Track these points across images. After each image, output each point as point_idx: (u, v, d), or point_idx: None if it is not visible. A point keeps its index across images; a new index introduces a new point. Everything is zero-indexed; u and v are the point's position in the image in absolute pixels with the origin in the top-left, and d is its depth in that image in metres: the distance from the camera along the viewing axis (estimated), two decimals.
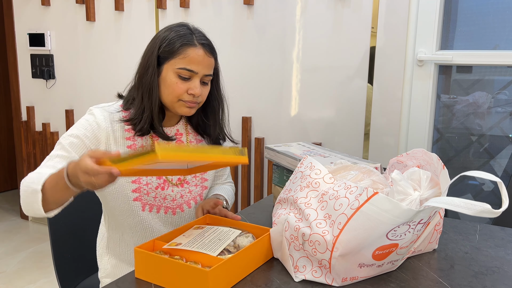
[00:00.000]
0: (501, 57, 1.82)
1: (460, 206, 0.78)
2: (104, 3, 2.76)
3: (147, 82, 1.17)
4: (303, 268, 0.93)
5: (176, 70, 1.15)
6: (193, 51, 1.15)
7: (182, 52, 1.15)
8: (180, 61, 1.15)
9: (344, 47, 2.11)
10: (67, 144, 1.14)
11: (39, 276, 2.54)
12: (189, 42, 1.15)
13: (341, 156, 1.38)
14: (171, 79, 1.16)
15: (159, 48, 1.16)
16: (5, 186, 4.07)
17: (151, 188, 1.21)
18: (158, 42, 1.17)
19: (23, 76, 3.18)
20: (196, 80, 1.17)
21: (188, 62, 1.15)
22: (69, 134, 1.15)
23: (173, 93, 1.16)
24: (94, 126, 1.16)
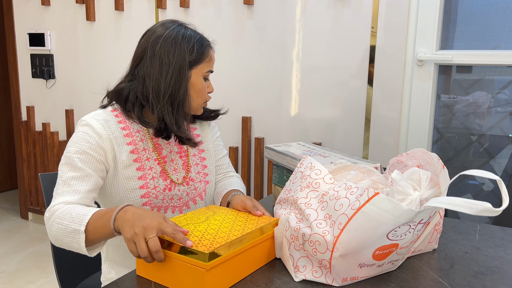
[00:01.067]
0: (501, 57, 1.82)
1: (460, 206, 0.78)
2: (104, 3, 2.76)
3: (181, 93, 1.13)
4: (303, 268, 0.94)
5: (204, 74, 1.18)
6: (212, 53, 1.20)
7: (208, 55, 1.17)
8: (206, 65, 1.18)
9: (344, 47, 2.11)
10: (77, 162, 1.08)
11: (39, 276, 2.54)
12: (208, 44, 1.19)
13: (341, 156, 1.38)
14: (202, 83, 1.18)
15: (190, 53, 1.14)
16: (5, 186, 4.07)
17: (159, 191, 1.20)
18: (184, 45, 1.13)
19: (23, 76, 3.19)
20: (209, 79, 1.22)
21: (211, 64, 1.19)
22: (74, 152, 1.09)
23: (202, 96, 1.19)
24: (95, 137, 1.12)
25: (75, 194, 1.06)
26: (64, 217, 0.99)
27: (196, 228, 0.91)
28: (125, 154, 1.16)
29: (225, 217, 1.01)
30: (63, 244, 1.01)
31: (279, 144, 1.51)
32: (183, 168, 1.26)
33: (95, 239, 0.97)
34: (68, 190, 1.06)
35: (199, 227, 0.92)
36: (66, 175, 1.07)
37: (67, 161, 1.09)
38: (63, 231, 0.99)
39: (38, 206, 3.32)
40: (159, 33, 1.17)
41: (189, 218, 0.99)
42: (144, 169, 1.18)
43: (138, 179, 1.17)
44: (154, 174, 1.19)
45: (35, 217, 3.36)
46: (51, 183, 1.41)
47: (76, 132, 1.13)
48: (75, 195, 1.05)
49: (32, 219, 3.38)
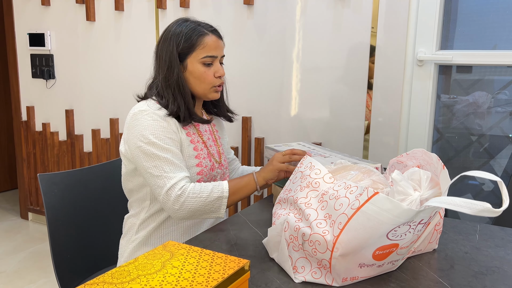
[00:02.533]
0: (501, 57, 1.82)
1: (460, 206, 0.78)
2: (104, 3, 2.76)
3: (174, 80, 1.28)
4: (301, 268, 0.93)
5: (200, 60, 1.28)
6: (209, 39, 1.29)
7: (200, 43, 1.28)
8: (201, 51, 1.28)
9: (344, 47, 2.11)
10: (163, 145, 1.22)
11: (39, 276, 2.54)
12: (202, 32, 1.28)
13: (341, 156, 1.38)
14: (199, 69, 1.29)
15: (177, 46, 1.27)
16: (5, 186, 4.07)
17: (208, 169, 1.35)
18: (173, 41, 1.28)
19: (23, 76, 3.18)
20: (217, 63, 1.31)
21: (208, 50, 1.28)
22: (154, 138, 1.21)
23: (206, 81, 1.30)
24: (165, 124, 1.25)
25: (182, 170, 1.23)
26: (201, 192, 1.21)
27: (149, 283, 0.74)
28: (184, 136, 1.30)
29: (185, 262, 0.82)
30: (200, 214, 1.23)
31: (279, 144, 1.52)
32: (218, 153, 1.42)
33: (232, 200, 1.25)
34: (174, 168, 1.21)
35: (152, 281, 0.75)
36: (164, 156, 1.21)
37: (156, 146, 1.21)
38: (203, 202, 1.20)
39: (38, 206, 3.31)
40: (164, 32, 1.33)
41: (141, 266, 0.80)
42: (197, 149, 1.34)
43: (195, 158, 1.32)
44: (204, 155, 1.35)
45: (35, 217, 3.36)
46: (50, 183, 1.41)
47: (147, 120, 1.23)
48: (184, 170, 1.23)
49: (32, 219, 3.38)
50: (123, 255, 1.36)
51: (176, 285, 0.74)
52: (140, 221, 1.33)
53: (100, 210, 1.55)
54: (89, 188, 1.52)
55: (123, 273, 0.78)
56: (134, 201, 1.36)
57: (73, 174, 1.49)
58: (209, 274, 0.78)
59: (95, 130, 2.90)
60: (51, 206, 1.39)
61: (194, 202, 1.20)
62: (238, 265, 0.81)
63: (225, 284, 0.77)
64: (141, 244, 1.33)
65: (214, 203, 1.22)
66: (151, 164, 1.21)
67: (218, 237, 1.17)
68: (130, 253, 1.33)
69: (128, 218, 1.39)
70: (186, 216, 1.22)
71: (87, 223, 1.50)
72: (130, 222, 1.37)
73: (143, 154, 1.22)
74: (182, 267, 0.80)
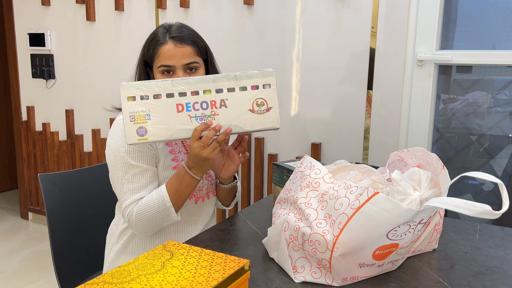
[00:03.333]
0: (501, 57, 1.82)
1: (460, 207, 0.78)
2: (104, 3, 2.76)
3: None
4: (301, 268, 0.93)
5: (158, 70, 1.24)
6: (163, 48, 1.22)
7: (156, 52, 1.23)
8: (157, 61, 1.23)
9: (344, 47, 2.11)
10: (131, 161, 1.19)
11: (39, 276, 2.54)
12: (159, 41, 1.24)
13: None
14: (158, 78, 1.25)
15: (143, 54, 1.27)
16: (5, 186, 4.07)
17: None
18: (141, 48, 1.28)
19: (23, 76, 3.18)
20: (178, 71, 1.23)
21: (162, 59, 1.22)
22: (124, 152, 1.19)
23: None
24: None
25: (142, 189, 1.20)
26: (146, 209, 1.17)
27: (149, 283, 0.75)
28: (162, 146, 1.26)
29: (185, 262, 0.82)
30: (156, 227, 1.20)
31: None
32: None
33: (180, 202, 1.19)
34: (133, 188, 1.20)
35: (152, 281, 0.75)
36: (128, 174, 1.20)
37: (122, 161, 1.20)
38: (155, 217, 1.18)
39: (38, 206, 3.32)
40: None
41: (141, 266, 0.81)
42: (177, 160, 1.29)
43: (172, 169, 1.27)
44: None
45: (35, 217, 3.36)
46: (50, 183, 1.41)
47: (120, 131, 1.21)
48: (141, 191, 1.20)
49: (32, 219, 3.38)
50: (106, 264, 1.35)
51: (176, 285, 0.74)
52: (120, 230, 1.32)
53: (100, 210, 1.55)
54: (89, 188, 1.52)
55: (123, 273, 0.78)
56: (118, 206, 1.36)
57: (73, 174, 1.49)
58: (209, 274, 0.78)
59: (95, 130, 2.90)
60: (51, 206, 1.39)
61: (143, 224, 1.19)
62: (238, 265, 0.81)
63: (225, 284, 0.77)
64: (120, 252, 1.31)
65: (162, 216, 1.19)
66: (115, 176, 1.22)
67: (218, 237, 1.17)
68: (111, 262, 1.32)
69: (110, 227, 1.38)
70: (144, 235, 1.23)
71: (87, 223, 1.50)
72: (112, 231, 1.36)
73: (111, 164, 1.22)
74: (182, 267, 0.80)
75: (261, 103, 1.12)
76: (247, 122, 1.11)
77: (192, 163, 1.14)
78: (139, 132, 1.08)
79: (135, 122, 1.08)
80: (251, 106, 1.12)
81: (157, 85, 1.09)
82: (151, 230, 1.21)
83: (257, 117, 1.12)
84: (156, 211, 1.18)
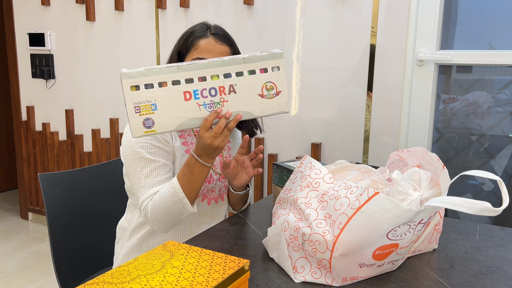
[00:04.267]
0: (501, 57, 1.82)
1: (460, 205, 0.78)
2: (104, 3, 2.76)
3: None
4: (301, 268, 0.93)
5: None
6: (203, 41, 1.25)
7: (195, 44, 1.25)
8: (194, 53, 1.25)
9: (344, 47, 2.11)
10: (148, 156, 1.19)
11: (39, 276, 2.54)
12: (201, 34, 1.25)
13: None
14: None
15: (179, 45, 1.28)
16: (5, 186, 4.07)
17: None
18: (178, 40, 1.29)
19: (23, 76, 3.18)
20: None
21: (200, 52, 1.24)
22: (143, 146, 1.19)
23: None
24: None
25: (158, 184, 1.20)
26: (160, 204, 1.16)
27: (149, 283, 0.74)
28: (178, 144, 1.26)
29: (185, 262, 0.82)
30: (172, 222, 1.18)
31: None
32: (219, 164, 1.36)
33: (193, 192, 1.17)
34: (150, 182, 1.19)
35: (152, 281, 0.75)
36: (145, 169, 1.19)
37: (139, 156, 1.19)
38: (170, 210, 1.16)
39: (38, 206, 3.31)
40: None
41: (141, 266, 0.80)
42: None
43: None
44: None
45: (35, 217, 3.36)
46: (50, 183, 1.41)
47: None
48: (158, 185, 1.20)
49: (32, 219, 3.38)
50: (117, 260, 1.35)
51: (176, 285, 0.74)
52: (133, 227, 1.32)
53: (100, 210, 1.55)
54: (89, 188, 1.52)
55: (123, 273, 0.78)
56: (131, 204, 1.36)
57: (73, 174, 1.49)
58: (209, 274, 0.78)
59: (95, 130, 2.90)
60: (51, 206, 1.39)
61: (159, 219, 1.18)
62: (238, 265, 0.81)
63: (225, 284, 0.77)
64: (133, 250, 1.32)
65: (177, 208, 1.17)
66: (132, 171, 1.21)
67: (218, 237, 1.17)
68: (123, 259, 1.33)
69: (121, 223, 1.38)
70: (163, 230, 1.21)
71: (87, 223, 1.50)
72: (123, 227, 1.36)
73: (128, 160, 1.22)
74: (182, 267, 0.80)
75: (270, 87, 1.09)
76: (257, 107, 1.08)
77: (202, 151, 1.11)
78: (145, 124, 1.02)
79: (140, 113, 1.01)
80: (260, 91, 1.08)
81: (162, 71, 1.01)
82: (168, 223, 1.19)
83: (266, 102, 1.09)
84: (170, 203, 1.16)
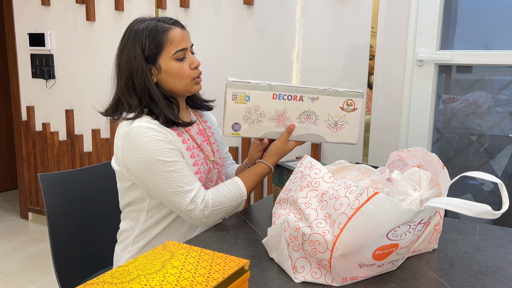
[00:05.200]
0: (500, 57, 1.82)
1: (460, 207, 0.78)
2: (104, 3, 2.76)
3: (142, 87, 1.22)
4: (301, 268, 0.93)
5: (173, 57, 1.22)
6: (174, 33, 1.22)
7: (166, 39, 1.21)
8: (170, 48, 1.22)
9: (344, 47, 2.11)
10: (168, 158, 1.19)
11: (39, 276, 2.54)
12: (164, 27, 1.22)
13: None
14: (174, 66, 1.23)
15: (142, 50, 1.21)
16: (5, 186, 4.07)
17: (205, 173, 1.32)
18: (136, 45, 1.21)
19: (23, 76, 3.19)
20: (189, 54, 1.26)
21: (177, 44, 1.22)
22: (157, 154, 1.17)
23: (184, 76, 1.25)
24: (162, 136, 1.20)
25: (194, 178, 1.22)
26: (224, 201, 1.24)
27: (149, 283, 0.75)
28: (180, 144, 1.26)
29: (185, 262, 0.82)
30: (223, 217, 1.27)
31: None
32: (212, 152, 1.39)
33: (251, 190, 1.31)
34: (188, 180, 1.20)
35: (152, 281, 0.75)
36: (176, 172, 1.19)
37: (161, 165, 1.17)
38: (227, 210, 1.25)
39: (38, 206, 3.32)
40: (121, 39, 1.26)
41: (141, 266, 0.80)
42: (194, 156, 1.30)
43: (193, 166, 1.28)
44: (201, 160, 1.32)
45: (35, 217, 3.36)
46: (50, 183, 1.41)
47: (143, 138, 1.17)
48: (196, 180, 1.22)
49: (32, 219, 3.38)
50: (119, 262, 1.34)
51: (176, 285, 0.74)
52: (136, 233, 1.31)
53: (100, 210, 1.55)
54: (89, 188, 1.52)
55: (123, 273, 0.78)
56: (129, 212, 1.33)
57: (73, 174, 1.49)
58: (209, 274, 0.78)
59: (95, 130, 2.90)
60: (51, 206, 1.39)
61: (218, 213, 1.25)
62: (238, 265, 0.81)
63: (225, 284, 0.77)
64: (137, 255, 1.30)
65: (235, 206, 1.29)
66: (161, 182, 1.17)
67: (218, 237, 1.17)
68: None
69: (122, 230, 1.35)
70: (213, 223, 1.26)
71: (87, 223, 1.50)
72: (125, 234, 1.34)
73: (150, 174, 1.17)
74: (182, 267, 0.80)
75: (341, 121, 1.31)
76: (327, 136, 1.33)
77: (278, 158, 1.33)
78: (234, 127, 1.27)
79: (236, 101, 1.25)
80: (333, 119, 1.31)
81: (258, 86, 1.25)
82: (221, 218, 1.27)
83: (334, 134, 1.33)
84: (233, 204, 1.26)
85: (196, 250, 0.86)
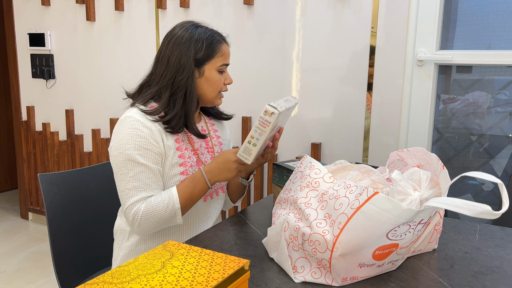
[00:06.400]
0: (500, 57, 1.82)
1: (460, 207, 0.78)
2: (104, 3, 2.76)
3: (182, 84, 1.25)
4: (301, 268, 0.93)
5: (218, 68, 1.28)
6: (225, 48, 1.30)
7: (219, 50, 1.28)
8: (219, 59, 1.28)
9: (344, 47, 2.11)
10: (139, 158, 1.19)
11: (39, 276, 2.54)
12: (219, 40, 1.28)
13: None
14: (216, 76, 1.28)
15: (196, 51, 1.25)
16: (5, 186, 4.07)
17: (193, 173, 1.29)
18: (191, 46, 1.24)
19: (23, 76, 3.19)
20: (227, 71, 1.32)
21: (225, 58, 1.29)
22: (132, 149, 1.18)
23: (217, 88, 1.30)
24: (147, 132, 1.21)
25: (147, 188, 1.20)
26: (154, 211, 1.18)
27: (149, 283, 0.75)
28: (171, 142, 1.26)
29: (185, 262, 0.82)
30: (157, 228, 1.22)
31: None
32: (210, 159, 1.38)
33: (188, 207, 1.23)
34: (139, 185, 1.19)
35: (152, 281, 0.75)
36: (132, 171, 1.19)
37: (128, 158, 1.19)
38: (162, 218, 1.19)
39: (38, 206, 3.32)
40: (172, 35, 1.28)
41: (141, 266, 0.80)
42: (184, 157, 1.29)
43: (179, 166, 1.27)
44: (192, 163, 1.31)
45: (35, 217, 3.36)
46: (50, 183, 1.41)
47: (127, 129, 1.21)
48: (147, 190, 1.20)
49: (32, 219, 3.38)
50: (116, 260, 1.34)
51: (176, 285, 0.74)
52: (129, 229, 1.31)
53: (100, 210, 1.55)
54: (89, 188, 1.52)
55: (123, 273, 0.78)
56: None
57: (73, 174, 1.49)
58: (209, 274, 0.78)
59: (95, 130, 2.90)
60: (51, 206, 1.39)
61: (150, 223, 1.20)
62: (238, 265, 0.81)
63: (225, 284, 0.77)
64: (132, 251, 1.31)
65: (168, 218, 1.21)
66: (119, 174, 1.21)
67: (218, 237, 1.17)
68: (121, 260, 1.32)
69: (117, 225, 1.36)
70: (144, 234, 1.23)
71: (87, 223, 1.50)
72: (120, 229, 1.35)
73: (115, 162, 1.21)
74: (182, 267, 0.80)
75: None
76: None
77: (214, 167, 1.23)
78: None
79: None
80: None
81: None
82: (154, 230, 1.23)
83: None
84: (164, 212, 1.19)
85: (196, 250, 0.86)
